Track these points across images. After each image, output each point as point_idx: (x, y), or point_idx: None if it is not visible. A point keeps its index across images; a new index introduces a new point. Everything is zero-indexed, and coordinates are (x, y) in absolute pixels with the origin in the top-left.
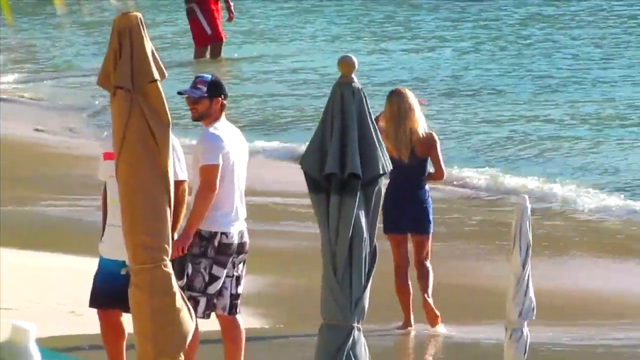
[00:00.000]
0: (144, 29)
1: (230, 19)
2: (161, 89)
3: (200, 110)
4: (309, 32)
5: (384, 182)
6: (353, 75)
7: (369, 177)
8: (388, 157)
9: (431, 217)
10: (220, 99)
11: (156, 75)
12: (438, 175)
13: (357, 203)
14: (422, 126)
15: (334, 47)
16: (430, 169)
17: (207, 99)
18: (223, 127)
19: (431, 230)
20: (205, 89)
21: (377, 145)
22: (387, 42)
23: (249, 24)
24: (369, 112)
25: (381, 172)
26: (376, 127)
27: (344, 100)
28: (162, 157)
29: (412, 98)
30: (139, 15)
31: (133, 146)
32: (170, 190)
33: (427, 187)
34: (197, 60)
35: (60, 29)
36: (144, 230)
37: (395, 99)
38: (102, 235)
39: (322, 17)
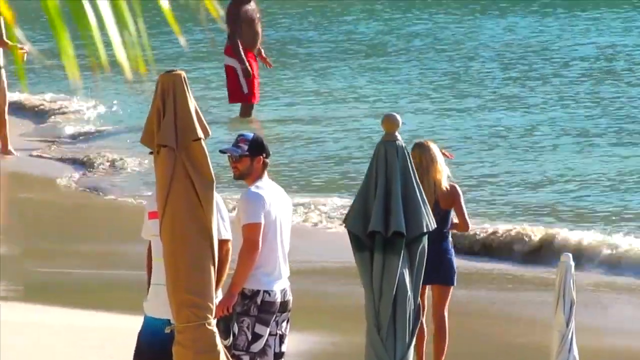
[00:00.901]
0: (187, 87)
1: (269, 65)
2: (205, 147)
3: (241, 168)
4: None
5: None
6: (397, 133)
7: (412, 235)
8: (432, 214)
9: (455, 267)
10: (262, 157)
11: (200, 134)
12: (462, 228)
13: (400, 261)
14: (445, 178)
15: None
16: (455, 219)
17: (249, 158)
18: (265, 186)
19: (455, 282)
20: (246, 147)
21: (421, 203)
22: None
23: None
24: (413, 170)
25: (425, 230)
26: (420, 185)
27: (388, 158)
28: (206, 215)
29: (435, 150)
30: (183, 73)
31: (177, 204)
32: (214, 249)
33: (450, 238)
34: (242, 119)
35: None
36: (188, 289)
37: (418, 151)
38: (147, 293)
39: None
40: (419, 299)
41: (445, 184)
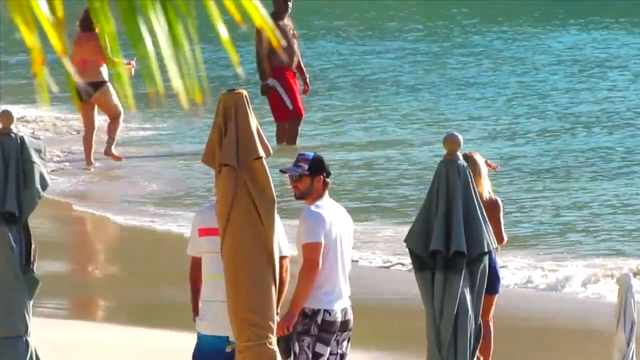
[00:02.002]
0: (249, 106)
1: (305, 91)
2: (266, 166)
3: (302, 188)
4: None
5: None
6: (458, 152)
7: (474, 255)
8: (493, 234)
9: (499, 276)
10: (322, 176)
11: (262, 153)
12: (498, 241)
13: (462, 280)
14: (487, 190)
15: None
16: None
17: (309, 177)
18: (326, 205)
19: (499, 290)
20: (307, 166)
21: (483, 223)
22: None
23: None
24: (474, 189)
25: (486, 249)
26: (481, 204)
27: (449, 177)
28: (268, 234)
29: (480, 161)
30: (245, 92)
31: (239, 223)
32: (275, 267)
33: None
34: (280, 145)
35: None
36: (249, 308)
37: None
38: (197, 311)
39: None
40: (480, 317)
41: (486, 196)
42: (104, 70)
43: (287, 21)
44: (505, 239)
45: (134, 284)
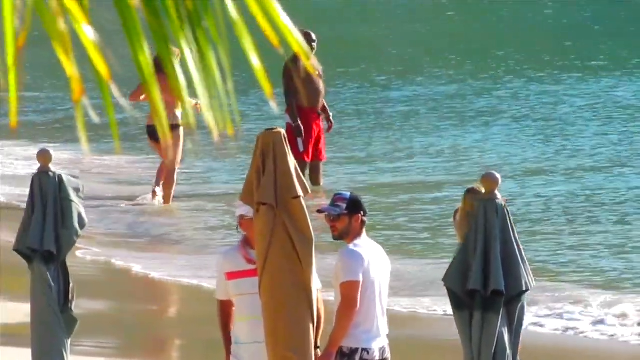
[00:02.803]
0: (287, 145)
1: (329, 129)
2: (304, 205)
3: (339, 228)
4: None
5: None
6: (496, 191)
7: (512, 294)
8: (531, 273)
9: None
10: (360, 215)
11: (300, 191)
12: None
13: (500, 320)
14: None
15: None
16: None
17: (347, 216)
18: (364, 244)
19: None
20: (344, 206)
21: (521, 262)
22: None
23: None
24: (512, 228)
25: (524, 288)
26: (519, 242)
27: (488, 216)
28: (306, 272)
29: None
30: (283, 131)
31: (277, 262)
32: (313, 306)
33: None
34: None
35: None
36: (288, 346)
37: (471, 197)
38: (229, 354)
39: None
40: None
41: None
42: (178, 113)
43: (313, 60)
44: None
45: (171, 324)
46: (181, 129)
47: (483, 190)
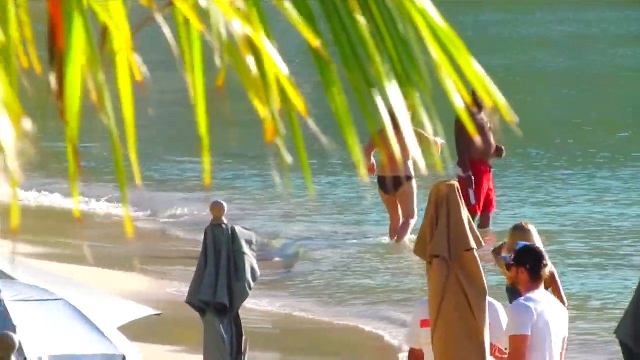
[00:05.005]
0: (460, 197)
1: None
2: (477, 257)
3: (512, 276)
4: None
5: None
6: None
7: None
8: None
9: None
10: (525, 268)
11: (473, 244)
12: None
13: None
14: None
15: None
16: None
17: (514, 267)
18: (539, 297)
19: None
20: (513, 256)
21: None
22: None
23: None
24: None
25: None
26: None
27: None
28: (479, 326)
29: (534, 232)
30: (456, 184)
31: (450, 314)
32: (485, 357)
33: None
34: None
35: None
36: None
37: (519, 233)
38: None
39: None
40: None
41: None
42: (411, 164)
43: (483, 114)
44: (567, 303)
45: None
46: (414, 181)
47: (530, 227)
